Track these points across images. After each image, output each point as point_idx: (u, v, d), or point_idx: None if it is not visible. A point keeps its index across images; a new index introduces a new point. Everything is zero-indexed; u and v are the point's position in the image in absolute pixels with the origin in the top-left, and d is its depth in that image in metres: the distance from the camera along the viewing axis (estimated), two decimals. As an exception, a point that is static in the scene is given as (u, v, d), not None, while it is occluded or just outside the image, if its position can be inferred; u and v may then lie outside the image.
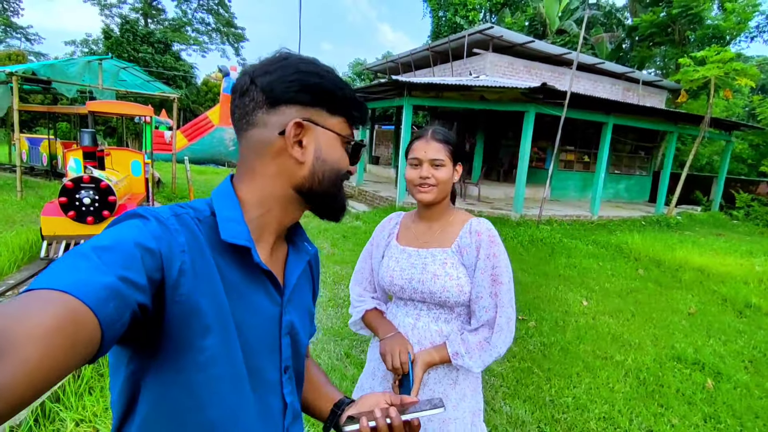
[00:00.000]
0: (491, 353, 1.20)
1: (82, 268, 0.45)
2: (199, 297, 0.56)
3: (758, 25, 17.52)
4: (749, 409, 2.84)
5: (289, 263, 0.74)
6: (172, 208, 0.61)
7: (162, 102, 19.58)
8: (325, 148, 0.68)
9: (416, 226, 1.37)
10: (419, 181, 1.26)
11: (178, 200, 8.58)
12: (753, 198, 13.60)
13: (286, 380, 0.71)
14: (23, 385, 0.35)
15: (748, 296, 5.23)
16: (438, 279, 1.23)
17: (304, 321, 0.77)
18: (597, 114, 10.38)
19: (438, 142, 1.26)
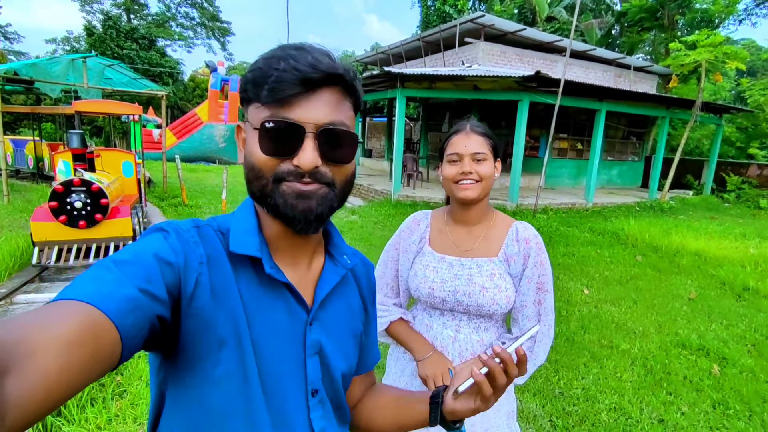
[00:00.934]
0: (534, 362, 1.16)
1: (103, 280, 0.46)
2: (214, 310, 0.55)
3: (746, 8, 17.58)
4: (756, 394, 2.85)
5: (321, 278, 0.68)
6: (194, 221, 0.61)
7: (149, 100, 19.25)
8: (247, 144, 0.61)
9: (453, 230, 1.26)
10: (460, 177, 1.16)
11: (170, 200, 8.45)
12: (743, 181, 13.75)
13: (314, 404, 0.65)
14: (42, 396, 0.35)
15: (746, 279, 5.27)
16: (487, 292, 1.15)
17: (341, 342, 0.70)
18: (590, 101, 10.36)
19: (479, 135, 1.18)
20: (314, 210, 0.58)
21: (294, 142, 0.57)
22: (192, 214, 7.58)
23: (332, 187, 0.60)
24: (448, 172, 1.19)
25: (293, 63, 0.55)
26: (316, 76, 0.55)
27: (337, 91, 0.59)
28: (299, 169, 0.57)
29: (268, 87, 0.55)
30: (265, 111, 0.57)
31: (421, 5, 23.15)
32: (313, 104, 0.57)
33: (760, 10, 17.84)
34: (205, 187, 10.75)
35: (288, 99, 0.56)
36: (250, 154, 0.59)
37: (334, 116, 0.58)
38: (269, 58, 0.57)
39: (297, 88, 0.55)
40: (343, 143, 0.60)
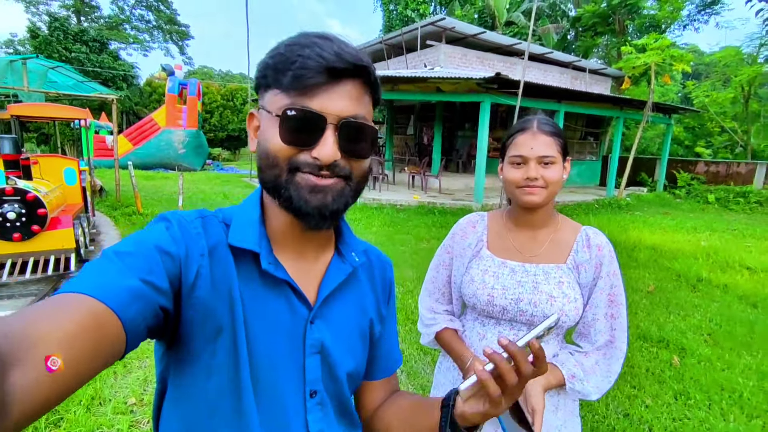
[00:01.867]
0: (608, 380, 1.05)
1: (105, 272, 0.46)
2: (214, 301, 0.55)
3: (689, 14, 18.62)
4: (715, 382, 2.91)
5: (327, 275, 0.65)
6: (200, 212, 0.61)
7: (101, 105, 18.33)
8: (262, 131, 0.58)
9: (514, 234, 1.16)
10: (525, 183, 1.06)
11: (123, 209, 7.99)
12: (692, 177, 14.50)
13: (312, 406, 0.62)
14: (47, 388, 0.35)
15: (699, 271, 5.48)
16: (555, 301, 1.05)
17: (346, 343, 0.66)
18: (549, 102, 10.63)
19: (547, 135, 1.05)
20: (329, 205, 0.56)
21: (315, 132, 0.55)
22: (147, 223, 7.18)
23: (349, 181, 0.58)
24: (512, 176, 1.08)
25: (318, 50, 0.53)
26: (342, 65, 0.53)
27: (360, 84, 0.57)
28: (317, 161, 0.55)
29: (292, 73, 0.53)
30: (285, 98, 0.55)
31: (384, 10, 23.27)
32: (336, 95, 0.55)
33: (702, 16, 18.95)
34: (162, 194, 10.27)
35: (311, 87, 0.53)
36: (265, 141, 0.57)
37: (356, 109, 0.56)
38: (292, 45, 0.54)
39: (321, 76, 0.53)
40: (364, 137, 0.58)
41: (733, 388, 2.85)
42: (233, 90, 27.60)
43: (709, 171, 14.57)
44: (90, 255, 4.89)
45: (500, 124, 12.94)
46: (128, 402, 2.43)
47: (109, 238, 5.74)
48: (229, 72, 46.28)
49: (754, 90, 16.04)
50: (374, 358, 0.75)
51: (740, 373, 3.04)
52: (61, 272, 4.18)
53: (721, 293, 4.80)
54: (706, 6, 18.48)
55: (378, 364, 0.76)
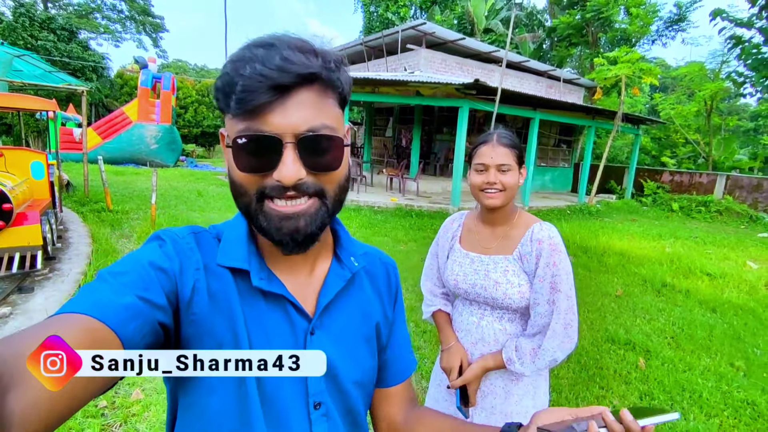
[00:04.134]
0: (544, 358, 1.20)
1: (100, 291, 0.45)
2: (213, 316, 0.54)
3: (658, 30, 19.42)
4: (677, 383, 3.06)
5: (326, 283, 0.63)
6: (193, 228, 0.60)
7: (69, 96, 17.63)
8: (227, 158, 0.55)
9: (479, 230, 1.39)
10: (485, 186, 1.27)
11: (92, 205, 7.72)
12: (658, 186, 15.12)
13: (317, 418, 0.60)
14: (45, 410, 0.35)
15: (663, 276, 5.73)
16: (500, 286, 1.26)
17: (350, 351, 0.64)
18: (525, 109, 10.88)
19: (504, 147, 1.26)
20: (301, 230, 0.54)
21: (272, 155, 0.51)
22: (118, 220, 6.95)
23: (323, 198, 0.56)
24: (475, 181, 1.30)
25: (259, 68, 0.48)
26: (287, 80, 0.49)
27: (316, 90, 0.52)
28: (282, 184, 0.51)
29: (236, 97, 0.49)
30: (238, 124, 0.51)
31: (364, 11, 23.29)
32: (288, 110, 0.50)
33: (669, 32, 19.80)
34: (133, 191, 9.96)
35: (258, 109, 0.49)
36: (230, 170, 0.54)
37: (314, 120, 0.52)
38: (235, 61, 0.50)
39: (266, 95, 0.48)
40: (328, 149, 0.53)
41: (693, 388, 3.00)
42: (209, 85, 27.04)
43: (673, 180, 15.22)
44: (57, 252, 4.71)
45: (478, 130, 13.16)
46: (99, 405, 2.36)
47: (77, 235, 5.54)
48: (204, 67, 45.28)
49: (716, 104, 16.86)
50: (385, 364, 0.73)
51: (700, 375, 3.21)
52: (27, 270, 4.01)
53: (684, 298, 5.03)
54: (673, 22, 19.33)
55: (389, 369, 0.74)
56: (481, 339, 1.32)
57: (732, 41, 14.07)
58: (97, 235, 5.68)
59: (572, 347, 1.21)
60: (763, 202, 13.05)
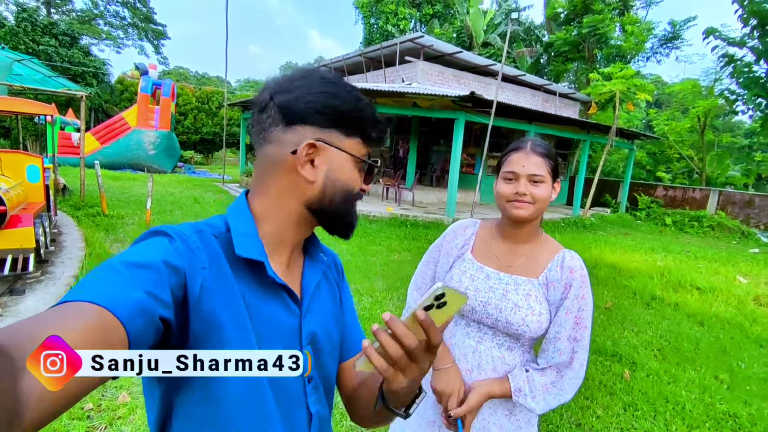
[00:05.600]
0: (558, 397, 1.11)
1: (114, 283, 0.47)
2: (219, 312, 0.58)
3: (652, 47, 19.75)
4: (660, 395, 3.09)
5: (305, 274, 0.75)
6: (193, 226, 0.64)
7: (69, 101, 17.71)
8: (336, 168, 0.68)
9: (498, 244, 1.24)
10: (514, 197, 1.14)
11: (87, 209, 7.74)
12: (652, 200, 15.25)
13: (310, 390, 0.71)
14: (56, 394, 0.36)
15: (653, 289, 5.78)
16: (519, 311, 1.12)
17: (327, 329, 0.76)
18: (520, 123, 11.02)
19: (539, 156, 1.14)
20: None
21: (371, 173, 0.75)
22: (113, 224, 6.97)
23: None
24: (503, 190, 1.16)
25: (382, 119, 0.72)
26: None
27: None
28: (364, 194, 0.75)
29: (377, 132, 0.71)
30: (364, 148, 0.71)
31: (365, 23, 23.58)
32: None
33: (664, 49, 20.13)
34: (129, 196, 9.98)
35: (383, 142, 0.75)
36: (345, 180, 0.69)
37: None
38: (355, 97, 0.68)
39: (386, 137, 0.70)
40: None
41: (676, 400, 3.03)
42: (209, 93, 27.20)
43: (667, 195, 15.36)
44: (50, 255, 4.73)
45: (474, 142, 13.29)
46: (85, 407, 2.37)
47: (71, 239, 5.55)
48: (205, 74, 45.60)
49: (710, 121, 17.10)
50: (343, 340, 0.84)
51: (684, 386, 3.24)
52: (19, 272, 4.02)
53: (672, 311, 5.08)
54: (667, 40, 19.66)
55: (346, 344, 0.84)
56: (478, 366, 1.18)
57: (725, 59, 14.32)
58: (91, 239, 5.70)
59: (580, 385, 1.13)
60: (755, 218, 13.18)
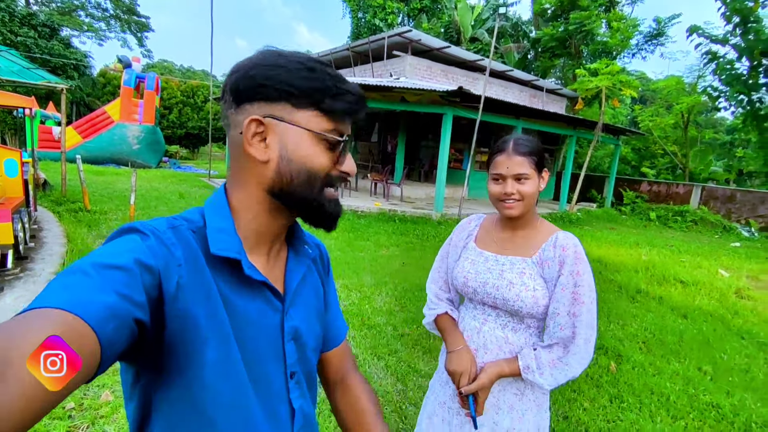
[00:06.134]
0: (565, 373, 1.16)
1: (82, 286, 0.44)
2: (196, 310, 0.56)
3: (638, 43, 19.96)
4: (646, 387, 3.14)
5: (289, 268, 0.72)
6: (168, 221, 0.61)
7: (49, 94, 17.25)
8: (291, 145, 0.62)
9: (497, 231, 1.35)
10: (503, 197, 1.24)
11: (68, 205, 7.56)
12: (637, 195, 15.49)
13: (293, 385, 0.70)
14: (22, 408, 0.35)
15: (638, 283, 5.87)
16: (513, 287, 1.21)
17: (311, 324, 0.75)
18: (508, 118, 11.06)
19: (521, 156, 1.22)
20: (340, 212, 0.69)
21: (344, 152, 0.65)
22: (95, 220, 6.82)
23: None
24: (493, 190, 1.27)
25: (352, 87, 0.63)
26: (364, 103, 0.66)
27: None
28: (346, 176, 0.66)
29: (343, 103, 0.62)
30: (327, 122, 0.62)
31: (352, 17, 23.40)
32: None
33: (649, 46, 20.36)
34: (113, 191, 9.78)
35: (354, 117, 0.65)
36: (303, 159, 0.62)
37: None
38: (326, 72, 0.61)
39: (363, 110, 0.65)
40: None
41: (661, 392, 3.08)
42: (194, 87, 26.77)
43: (651, 190, 15.60)
44: (29, 252, 4.60)
45: (462, 137, 13.30)
46: (66, 407, 2.31)
47: (51, 235, 5.42)
48: (190, 68, 44.88)
49: (693, 117, 17.39)
50: (326, 330, 0.83)
51: (668, 378, 3.29)
52: (-4, 270, 3.91)
53: (657, 304, 5.16)
54: (652, 37, 19.88)
55: (329, 333, 0.84)
56: (483, 346, 1.27)
57: (708, 57, 14.54)
58: (72, 235, 5.57)
59: (588, 363, 1.17)
60: (736, 213, 13.46)
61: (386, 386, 2.84)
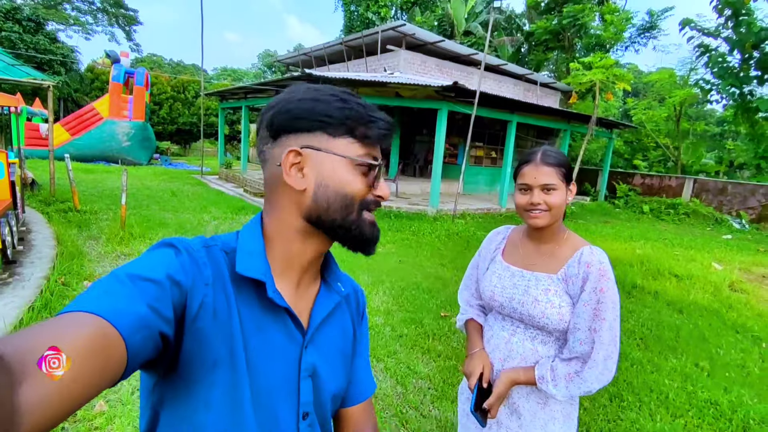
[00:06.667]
0: (579, 386, 1.16)
1: (117, 295, 0.47)
2: (212, 331, 0.57)
3: (631, 36, 19.98)
4: (645, 384, 3.14)
5: (317, 302, 0.71)
6: (204, 240, 0.63)
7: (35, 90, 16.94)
8: (327, 172, 0.63)
9: (524, 244, 1.36)
10: (530, 207, 1.23)
11: (58, 204, 7.43)
12: (630, 188, 15.56)
13: (304, 427, 0.66)
14: (54, 405, 0.36)
15: (634, 278, 5.89)
16: (539, 304, 1.22)
17: (332, 365, 0.72)
18: (503, 112, 11.02)
19: (548, 166, 1.22)
20: (378, 235, 0.68)
21: (378, 177, 0.66)
22: (86, 220, 6.70)
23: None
24: (519, 201, 1.26)
25: (382, 116, 0.65)
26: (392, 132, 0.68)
27: None
28: (380, 199, 0.67)
29: (376, 131, 0.64)
30: (360, 148, 0.64)
31: (345, 10, 23.17)
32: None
33: (642, 39, 20.39)
34: (103, 190, 9.64)
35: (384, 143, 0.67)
36: (341, 184, 0.63)
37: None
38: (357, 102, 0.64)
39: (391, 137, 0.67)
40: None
41: (660, 389, 3.08)
42: (185, 82, 26.45)
43: (644, 183, 15.69)
44: (18, 255, 4.50)
45: (457, 132, 13.26)
46: (59, 418, 2.26)
47: (41, 237, 5.31)
48: (180, 62, 44.27)
49: (685, 110, 17.47)
50: (351, 382, 0.79)
51: (667, 375, 3.30)
52: (-16, 274, 3.81)
53: (652, 299, 5.18)
54: (645, 30, 19.92)
55: (353, 387, 0.80)
56: (508, 356, 1.29)
57: (700, 50, 14.57)
58: (62, 236, 5.46)
59: (609, 380, 1.16)
60: (728, 205, 13.59)
61: (386, 389, 2.81)
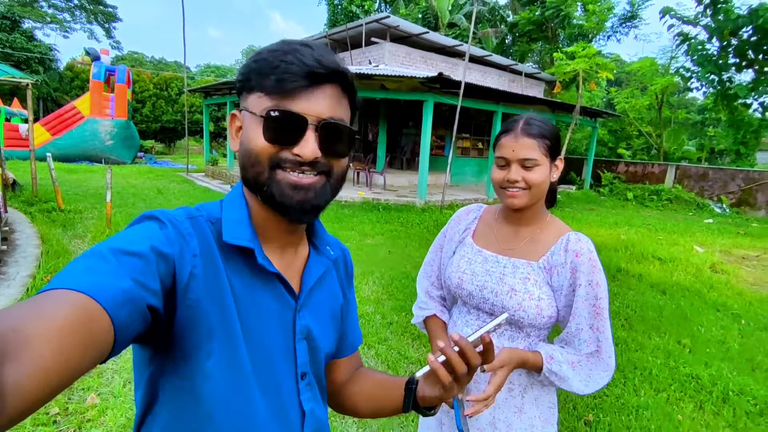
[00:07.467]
0: (587, 383, 1.04)
1: (100, 270, 0.45)
2: (206, 301, 0.56)
3: (612, 26, 20.20)
4: (629, 362, 3.23)
5: (307, 267, 0.71)
6: (188, 211, 0.61)
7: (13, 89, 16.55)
8: (244, 131, 0.62)
9: (499, 226, 1.19)
10: (506, 184, 1.07)
11: (41, 205, 7.30)
12: (614, 176, 15.80)
13: (303, 387, 0.68)
14: (40, 382, 0.36)
15: (619, 262, 6.01)
16: (515, 294, 1.07)
17: (324, 327, 0.73)
18: (488, 103, 11.09)
19: (530, 138, 1.05)
20: (310, 201, 0.61)
21: (296, 132, 0.58)
22: (70, 220, 6.61)
23: (329, 177, 0.63)
24: (496, 177, 1.10)
25: (300, 56, 0.57)
26: (321, 71, 0.58)
27: (338, 89, 0.62)
28: (299, 158, 0.59)
29: (275, 77, 0.57)
30: (268, 101, 0.58)
31: (328, 3, 23.00)
32: (316, 98, 0.59)
33: (623, 28, 20.64)
34: (87, 189, 9.49)
35: (293, 91, 0.57)
36: (248, 141, 0.60)
37: (334, 111, 0.61)
38: (275, 51, 0.58)
39: (303, 81, 0.57)
40: (342, 137, 0.62)
41: (644, 366, 3.18)
42: (167, 79, 26.03)
43: (628, 171, 15.94)
44: (2, 255, 4.44)
45: (443, 123, 13.32)
46: (50, 412, 2.25)
47: (24, 237, 5.23)
48: (162, 59, 43.51)
49: (667, 98, 17.75)
50: (341, 338, 0.82)
51: (650, 353, 3.40)
52: (-33, 275, 3.75)
53: (637, 282, 5.31)
54: (626, 19, 20.15)
55: (344, 342, 0.83)
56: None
57: (680, 38, 14.80)
58: (47, 235, 5.38)
59: (611, 376, 1.06)
60: (709, 190, 13.89)
61: (377, 374, 2.85)
